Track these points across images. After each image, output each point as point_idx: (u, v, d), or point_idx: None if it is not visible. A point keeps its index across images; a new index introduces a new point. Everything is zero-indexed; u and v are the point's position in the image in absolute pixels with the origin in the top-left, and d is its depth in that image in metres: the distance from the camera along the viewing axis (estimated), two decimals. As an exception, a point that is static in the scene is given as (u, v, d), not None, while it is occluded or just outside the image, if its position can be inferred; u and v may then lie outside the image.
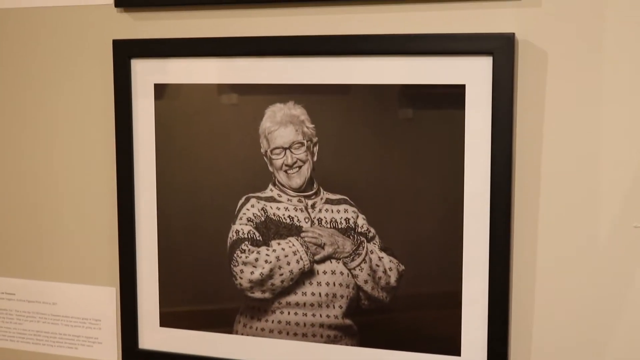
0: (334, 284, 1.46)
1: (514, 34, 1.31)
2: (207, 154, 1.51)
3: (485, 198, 1.35)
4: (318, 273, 1.46)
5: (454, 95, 1.35)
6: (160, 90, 1.53)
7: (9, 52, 1.65)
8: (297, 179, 1.46)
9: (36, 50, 1.62)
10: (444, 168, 1.37)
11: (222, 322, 1.54)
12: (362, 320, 1.46)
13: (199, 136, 1.51)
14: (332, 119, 1.43)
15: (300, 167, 1.46)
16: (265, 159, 1.47)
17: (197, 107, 1.51)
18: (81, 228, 1.64)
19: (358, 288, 1.45)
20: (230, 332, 1.54)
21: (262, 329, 1.51)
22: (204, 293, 1.55)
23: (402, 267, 1.42)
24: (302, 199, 1.46)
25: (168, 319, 1.59)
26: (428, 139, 1.38)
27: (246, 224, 1.49)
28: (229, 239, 1.51)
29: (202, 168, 1.52)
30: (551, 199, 1.34)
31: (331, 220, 1.45)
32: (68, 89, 1.61)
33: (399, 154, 1.40)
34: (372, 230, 1.43)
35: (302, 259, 1.47)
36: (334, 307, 1.46)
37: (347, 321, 1.46)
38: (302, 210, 1.46)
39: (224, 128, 1.50)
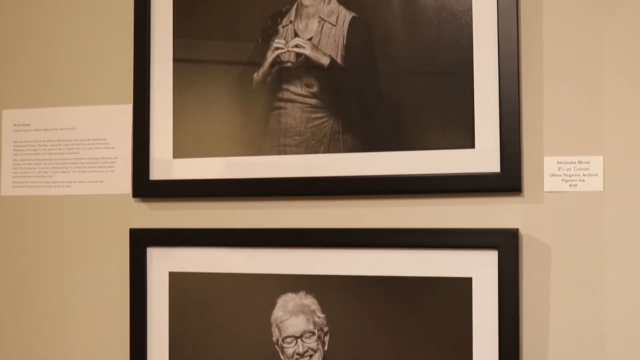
0: None
1: (517, 229, 1.35)
2: (219, 342, 1.53)
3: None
4: None
5: (460, 288, 1.39)
6: (175, 277, 1.57)
7: (32, 236, 1.70)
8: (308, 368, 1.48)
9: (57, 235, 1.67)
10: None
11: None
12: None
13: (212, 324, 1.54)
14: (343, 309, 1.46)
15: (311, 356, 1.47)
16: (277, 348, 1.49)
17: (210, 296, 1.55)
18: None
19: None
20: None
21: None
22: None
23: None
24: (314, 388, 1.47)
25: None
26: (436, 331, 1.40)
27: (258, 413, 1.50)
28: None
29: (215, 356, 1.53)
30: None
31: (342, 410, 1.45)
32: (86, 274, 1.65)
33: (408, 344, 1.41)
34: (383, 420, 1.43)
35: None
36: None
37: None
38: (313, 399, 1.47)
39: (237, 317, 1.52)
